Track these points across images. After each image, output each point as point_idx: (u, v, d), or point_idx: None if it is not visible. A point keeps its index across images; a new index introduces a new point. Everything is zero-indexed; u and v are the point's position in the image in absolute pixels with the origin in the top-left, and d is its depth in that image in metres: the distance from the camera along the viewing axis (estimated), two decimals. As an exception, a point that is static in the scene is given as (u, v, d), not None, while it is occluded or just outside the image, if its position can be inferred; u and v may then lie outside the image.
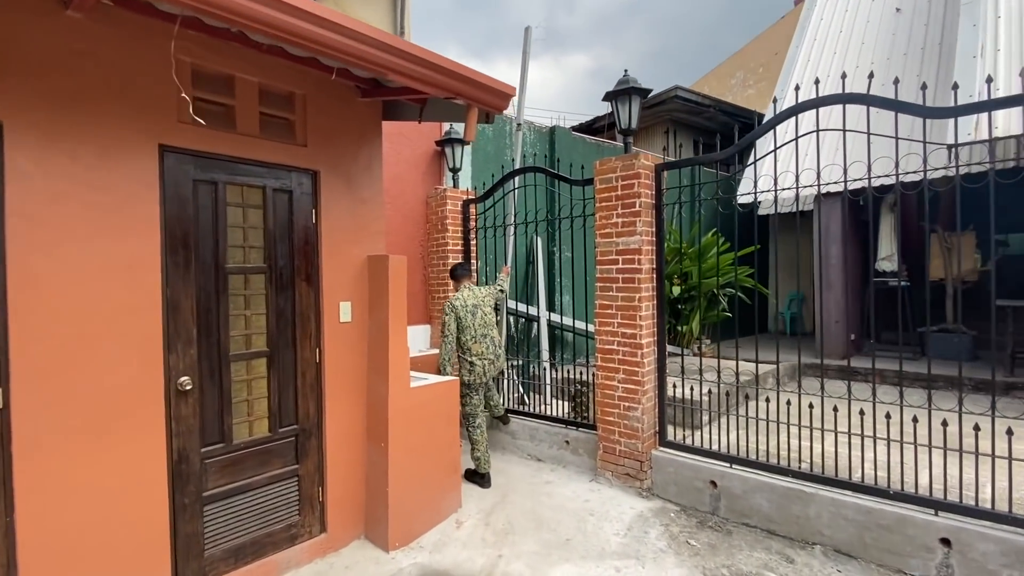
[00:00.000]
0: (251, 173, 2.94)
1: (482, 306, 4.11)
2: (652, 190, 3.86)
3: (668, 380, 3.92)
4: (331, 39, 2.31)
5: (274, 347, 3.05)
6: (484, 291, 4.21)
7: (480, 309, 4.08)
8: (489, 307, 4.14)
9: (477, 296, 4.12)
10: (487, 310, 4.11)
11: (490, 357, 4.05)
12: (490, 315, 4.12)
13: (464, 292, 4.11)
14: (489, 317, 4.11)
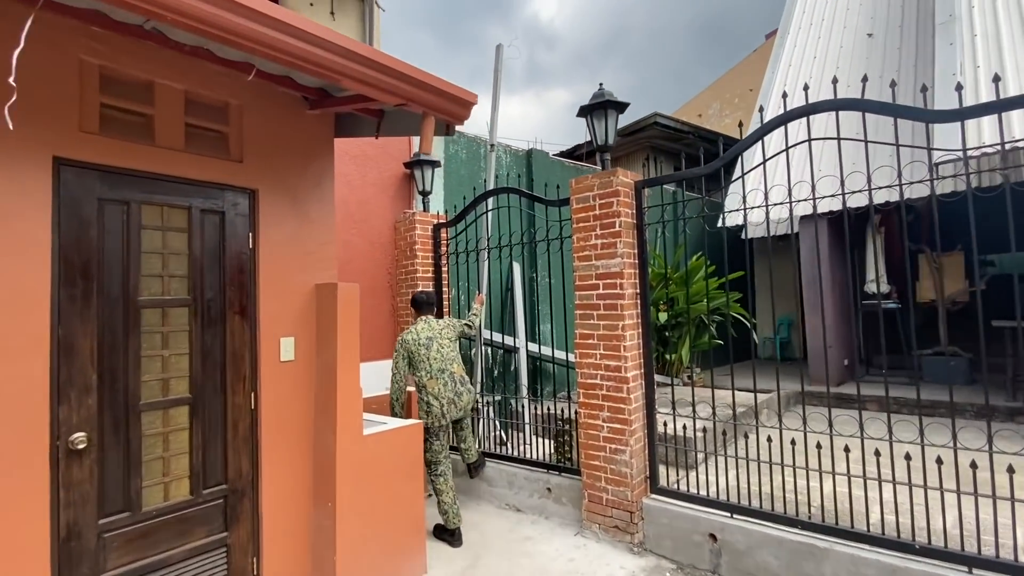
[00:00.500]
0: (174, 191, 2.55)
1: (438, 339, 3.72)
2: (632, 209, 3.56)
3: (657, 415, 3.53)
4: (260, 34, 1.98)
5: (198, 393, 2.60)
6: (442, 323, 3.84)
7: (436, 342, 3.69)
8: (448, 339, 3.77)
9: (433, 328, 3.75)
10: (444, 343, 3.73)
11: (448, 396, 3.61)
12: (449, 349, 3.74)
13: (419, 325, 3.76)
14: (447, 351, 3.72)
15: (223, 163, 2.70)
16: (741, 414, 5.27)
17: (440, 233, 4.85)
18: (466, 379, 3.77)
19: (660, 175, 3.49)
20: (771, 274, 3.34)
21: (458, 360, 3.77)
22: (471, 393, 3.76)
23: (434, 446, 3.66)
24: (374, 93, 2.39)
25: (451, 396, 3.61)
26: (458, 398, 3.64)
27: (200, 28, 1.90)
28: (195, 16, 1.86)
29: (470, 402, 3.73)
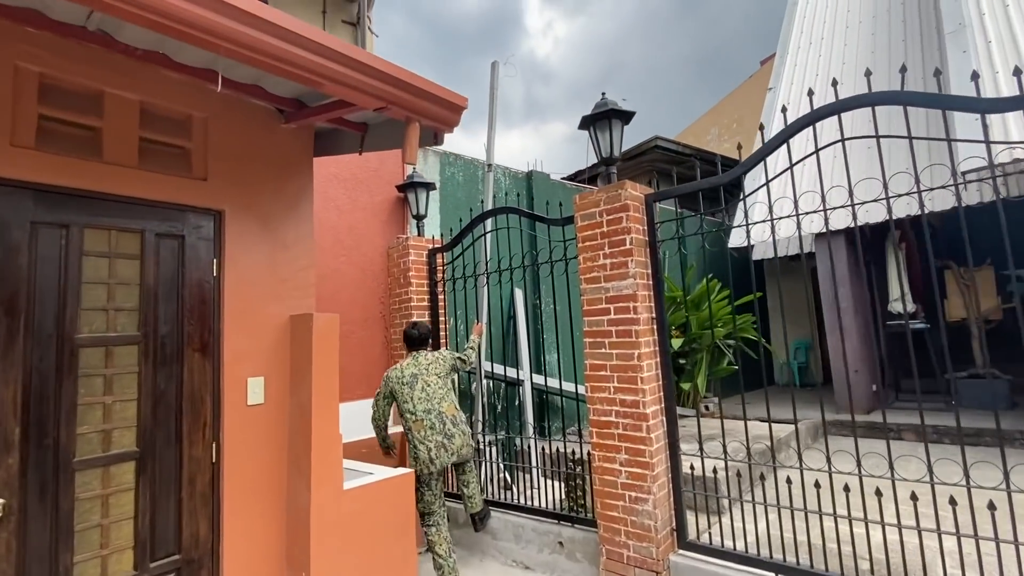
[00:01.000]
0: (125, 213, 2.24)
1: (423, 376, 3.33)
2: (643, 225, 3.23)
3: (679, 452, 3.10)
4: (217, 25, 1.70)
5: (147, 445, 2.22)
6: (431, 358, 3.45)
7: (420, 379, 3.31)
8: (436, 375, 3.37)
9: (419, 364, 3.38)
10: (431, 379, 3.33)
11: (437, 439, 3.19)
12: (438, 386, 3.34)
13: (406, 361, 3.41)
14: (435, 388, 3.32)
15: (184, 181, 2.40)
16: (767, 448, 4.81)
17: (436, 259, 4.53)
18: (460, 418, 3.35)
19: (674, 187, 3.17)
20: (781, 296, 2.97)
21: (449, 398, 3.37)
22: (465, 435, 3.32)
23: (425, 496, 3.24)
24: (351, 95, 2.10)
25: (440, 439, 3.20)
26: (448, 441, 3.22)
27: (148, 19, 1.62)
28: (144, 4, 1.59)
29: (465, 445, 3.30)
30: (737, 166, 2.86)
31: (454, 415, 3.32)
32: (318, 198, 4.36)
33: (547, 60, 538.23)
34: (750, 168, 2.82)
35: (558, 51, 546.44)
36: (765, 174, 2.77)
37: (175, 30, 1.69)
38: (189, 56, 2.21)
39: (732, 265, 3.31)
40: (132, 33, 2.03)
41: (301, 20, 1.86)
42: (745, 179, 3.11)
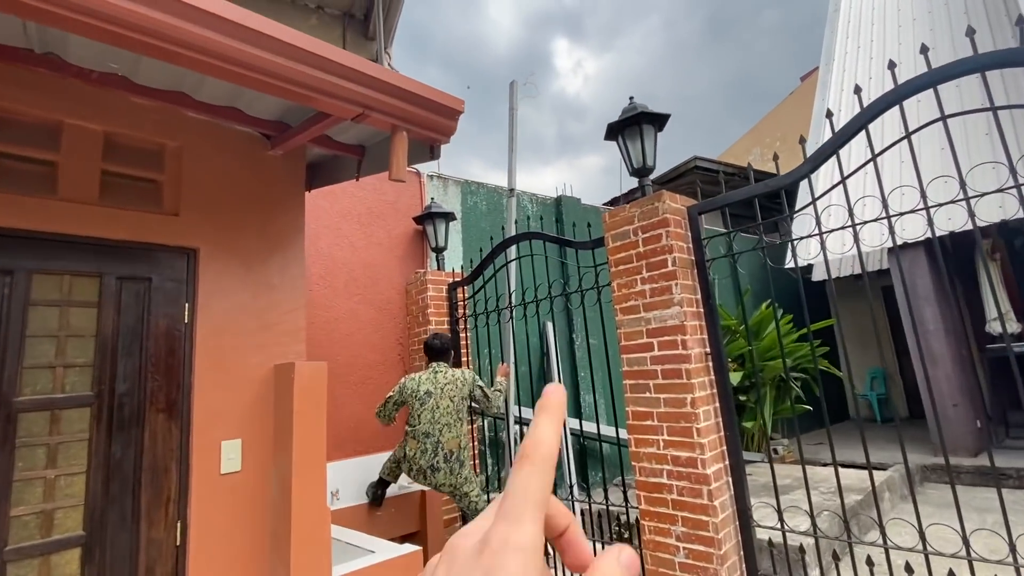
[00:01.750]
0: (81, 256, 1.97)
1: (437, 396, 3.10)
2: (687, 242, 2.72)
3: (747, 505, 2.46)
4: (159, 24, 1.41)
5: (96, 528, 1.86)
6: (450, 376, 3.18)
7: (433, 399, 3.10)
8: (450, 399, 3.12)
9: (437, 382, 3.15)
10: (443, 403, 3.10)
11: (421, 464, 3.03)
12: (446, 413, 3.09)
13: (424, 374, 3.23)
14: (441, 413, 3.08)
15: (152, 217, 2.13)
16: (859, 503, 4.01)
17: (456, 293, 4.15)
18: (456, 457, 3.08)
19: (723, 194, 2.66)
20: (834, 320, 2.35)
21: (455, 430, 3.10)
22: (452, 475, 3.07)
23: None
24: (319, 101, 1.77)
25: (424, 466, 3.04)
26: (432, 472, 3.03)
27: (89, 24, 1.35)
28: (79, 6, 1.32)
29: (446, 484, 3.06)
30: (803, 163, 2.34)
31: (451, 451, 3.09)
32: (331, 234, 4.11)
33: (577, 97, 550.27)
34: (819, 164, 2.29)
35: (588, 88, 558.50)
36: (840, 171, 2.23)
37: (120, 36, 1.41)
38: (149, 75, 1.96)
39: (789, 288, 2.73)
40: (80, 50, 1.80)
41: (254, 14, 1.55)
42: (800, 190, 2.57)
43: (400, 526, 3.59)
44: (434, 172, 4.90)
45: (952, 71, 1.93)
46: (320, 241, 4.05)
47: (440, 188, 4.89)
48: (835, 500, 3.94)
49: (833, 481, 4.49)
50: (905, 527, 2.76)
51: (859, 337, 8.66)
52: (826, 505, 3.86)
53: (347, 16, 6.18)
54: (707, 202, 2.73)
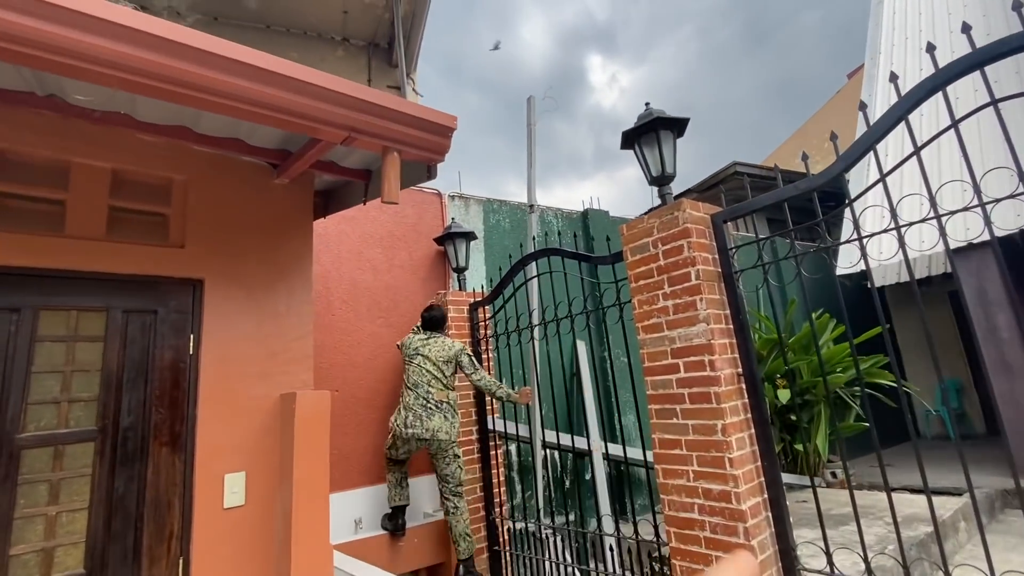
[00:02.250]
0: (87, 291, 2.00)
1: (423, 352, 3.39)
2: (712, 253, 2.52)
3: (793, 537, 2.17)
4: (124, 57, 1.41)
5: (97, 566, 1.84)
6: (438, 341, 3.44)
7: (420, 356, 3.39)
8: (433, 363, 3.36)
9: (427, 344, 3.43)
10: (427, 363, 3.36)
11: (416, 410, 3.26)
12: (431, 368, 3.34)
13: (419, 336, 3.53)
14: (428, 369, 3.33)
15: (158, 250, 2.15)
16: (930, 536, 3.55)
17: (478, 313, 4.05)
18: (446, 408, 3.30)
19: (749, 200, 2.45)
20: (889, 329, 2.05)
21: (440, 384, 3.33)
22: (446, 421, 3.25)
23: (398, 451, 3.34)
24: (305, 126, 1.72)
25: (419, 411, 3.23)
26: (426, 415, 3.22)
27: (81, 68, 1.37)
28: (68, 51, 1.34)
29: (441, 429, 3.21)
30: (834, 162, 2.11)
31: (441, 401, 3.30)
32: (353, 259, 4.12)
33: (613, 110, 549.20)
34: (853, 162, 2.05)
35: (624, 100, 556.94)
36: (879, 169, 1.99)
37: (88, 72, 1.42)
38: (148, 112, 1.99)
39: (845, 297, 2.45)
40: (77, 92, 1.84)
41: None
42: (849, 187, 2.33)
43: (424, 557, 3.46)
44: (455, 192, 4.87)
45: (1001, 49, 1.68)
46: (343, 266, 4.07)
47: (461, 208, 4.84)
48: (905, 532, 3.51)
49: (899, 510, 4.04)
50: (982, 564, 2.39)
51: (924, 348, 7.94)
52: (891, 538, 3.44)
53: (371, 46, 6.34)
54: (732, 209, 2.52)
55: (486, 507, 3.75)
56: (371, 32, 5.88)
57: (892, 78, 1.97)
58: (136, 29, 1.40)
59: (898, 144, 6.31)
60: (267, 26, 5.31)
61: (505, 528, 3.73)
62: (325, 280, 3.89)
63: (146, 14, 1.38)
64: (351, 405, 3.74)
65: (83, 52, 1.33)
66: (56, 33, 1.29)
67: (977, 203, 1.68)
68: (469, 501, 3.70)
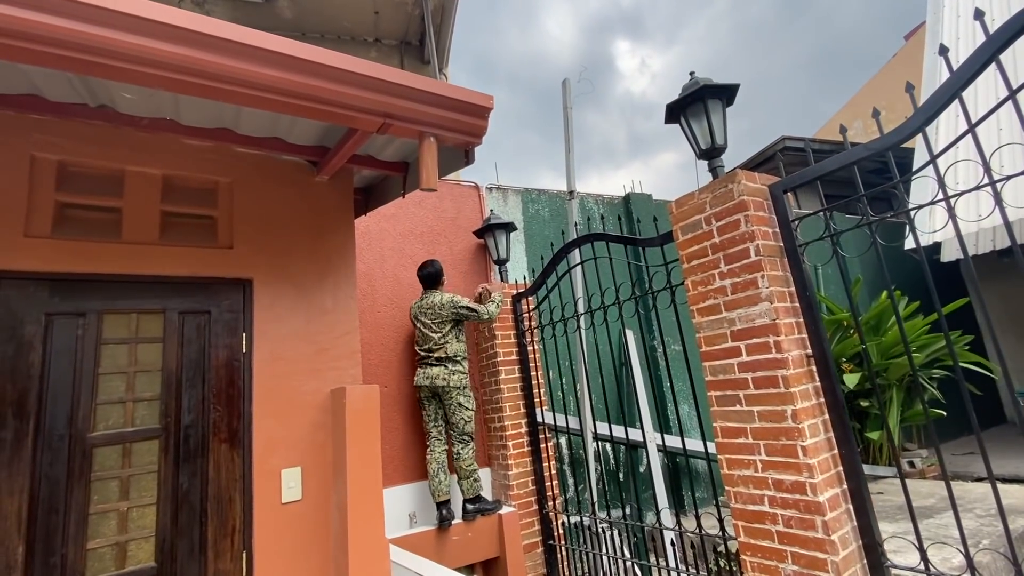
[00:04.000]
0: (145, 294, 2.06)
1: (422, 318, 3.58)
2: (773, 226, 2.33)
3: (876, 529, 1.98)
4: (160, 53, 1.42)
5: (167, 559, 1.90)
6: (431, 303, 3.59)
7: (420, 319, 3.58)
8: (431, 321, 3.53)
9: (422, 308, 3.61)
10: (427, 323, 3.54)
11: (422, 359, 3.56)
12: (430, 330, 3.52)
13: (418, 301, 3.70)
14: (428, 333, 3.52)
15: (208, 252, 2.19)
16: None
17: (521, 305, 3.98)
18: (446, 360, 3.46)
19: (812, 166, 2.25)
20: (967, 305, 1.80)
21: (439, 343, 3.49)
22: (446, 370, 3.44)
23: (422, 415, 3.61)
24: (337, 115, 1.70)
25: (422, 361, 3.53)
26: (428, 366, 3.49)
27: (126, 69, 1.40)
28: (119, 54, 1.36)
29: (440, 377, 3.42)
30: (913, 115, 1.89)
31: (441, 356, 3.47)
32: (395, 256, 4.14)
33: (643, 96, 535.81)
34: (935, 113, 1.83)
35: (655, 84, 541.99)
36: (968, 119, 1.76)
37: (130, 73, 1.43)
38: (190, 115, 2.02)
39: (910, 273, 2.20)
40: (127, 97, 1.88)
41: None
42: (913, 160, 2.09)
43: (478, 551, 3.44)
44: (493, 184, 4.81)
45: None
46: (386, 263, 4.09)
47: (500, 199, 4.78)
48: (996, 526, 3.19)
49: (991, 501, 3.67)
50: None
51: (1010, 326, 7.25)
52: (985, 532, 3.13)
53: (403, 44, 6.36)
54: (793, 176, 2.33)
55: (539, 501, 3.69)
56: (402, 30, 5.89)
57: (977, 15, 1.74)
58: (175, 26, 1.40)
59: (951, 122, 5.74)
60: (302, 33, 5.41)
61: (559, 522, 3.66)
62: (369, 278, 3.93)
63: (183, 9, 1.38)
64: (399, 401, 3.75)
65: (122, 52, 1.35)
66: (93, 34, 1.31)
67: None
68: (521, 495, 3.65)
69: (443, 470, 3.43)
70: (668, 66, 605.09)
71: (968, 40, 6.70)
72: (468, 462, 3.44)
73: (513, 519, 3.53)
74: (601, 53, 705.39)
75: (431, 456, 3.47)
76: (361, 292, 3.80)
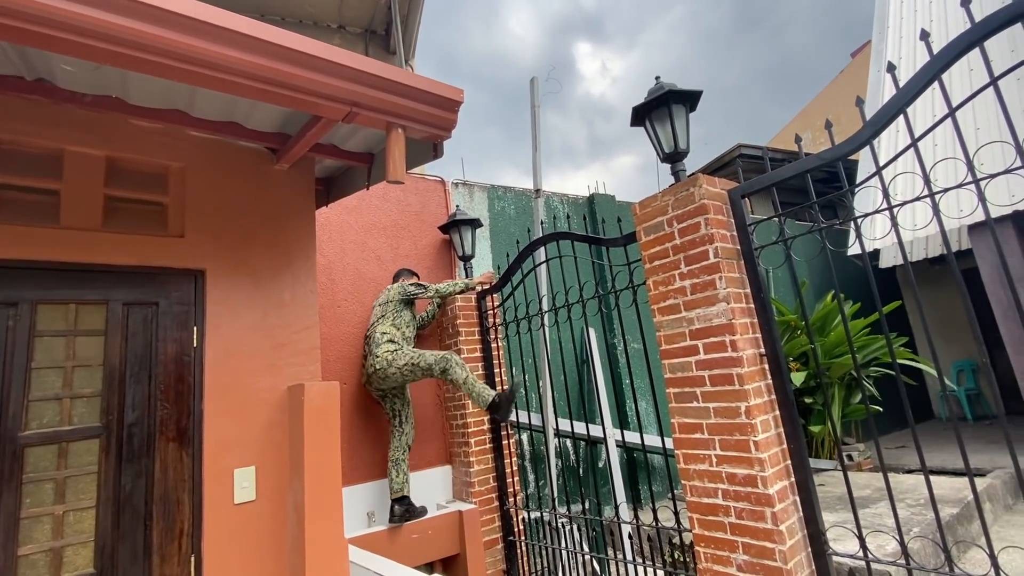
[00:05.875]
0: (86, 283, 1.93)
1: (377, 307, 3.55)
2: (731, 230, 2.42)
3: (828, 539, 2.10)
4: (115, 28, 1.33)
5: (107, 566, 1.79)
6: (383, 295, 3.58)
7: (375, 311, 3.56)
8: (380, 305, 3.51)
9: (378, 299, 3.59)
10: (378, 312, 3.51)
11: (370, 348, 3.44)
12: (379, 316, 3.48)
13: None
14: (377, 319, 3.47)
15: (157, 240, 2.07)
16: (955, 517, 3.48)
17: (486, 302, 3.97)
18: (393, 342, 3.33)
19: (769, 172, 2.35)
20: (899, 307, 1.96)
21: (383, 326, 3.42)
22: (378, 359, 3.28)
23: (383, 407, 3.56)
24: (301, 102, 1.64)
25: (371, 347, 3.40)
26: (375, 346, 3.36)
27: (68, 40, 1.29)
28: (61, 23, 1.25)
29: (372, 366, 3.31)
30: (862, 128, 2.00)
31: (368, 343, 3.43)
32: (357, 249, 4.04)
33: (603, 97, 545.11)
34: (882, 126, 1.95)
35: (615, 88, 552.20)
36: (910, 133, 1.88)
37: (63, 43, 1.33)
38: (140, 94, 1.90)
39: (852, 277, 2.33)
40: (67, 76, 1.75)
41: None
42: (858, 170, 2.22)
43: (438, 549, 3.42)
44: (459, 179, 4.77)
45: (1050, -4, 1.57)
46: (348, 256, 3.99)
47: (466, 195, 4.75)
48: (926, 514, 3.44)
49: (921, 492, 3.96)
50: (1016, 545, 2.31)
51: (937, 328, 7.83)
52: (915, 520, 3.37)
53: (369, 32, 6.19)
54: (751, 183, 2.42)
55: (500, 497, 3.70)
56: (368, 18, 5.74)
57: (923, 36, 1.86)
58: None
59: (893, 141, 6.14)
60: (261, 15, 5.19)
61: (520, 518, 3.68)
62: (329, 271, 3.82)
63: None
64: (359, 398, 3.68)
65: (59, 20, 1.25)
66: (35, 1, 1.21)
67: (972, 180, 1.58)
68: (482, 492, 3.65)
69: (397, 467, 3.36)
70: (628, 70, 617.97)
71: (909, 61, 7.14)
72: (471, 379, 3.20)
73: (474, 516, 3.52)
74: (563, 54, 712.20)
75: (389, 453, 3.43)
76: (321, 286, 3.70)
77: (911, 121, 1.93)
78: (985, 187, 1.72)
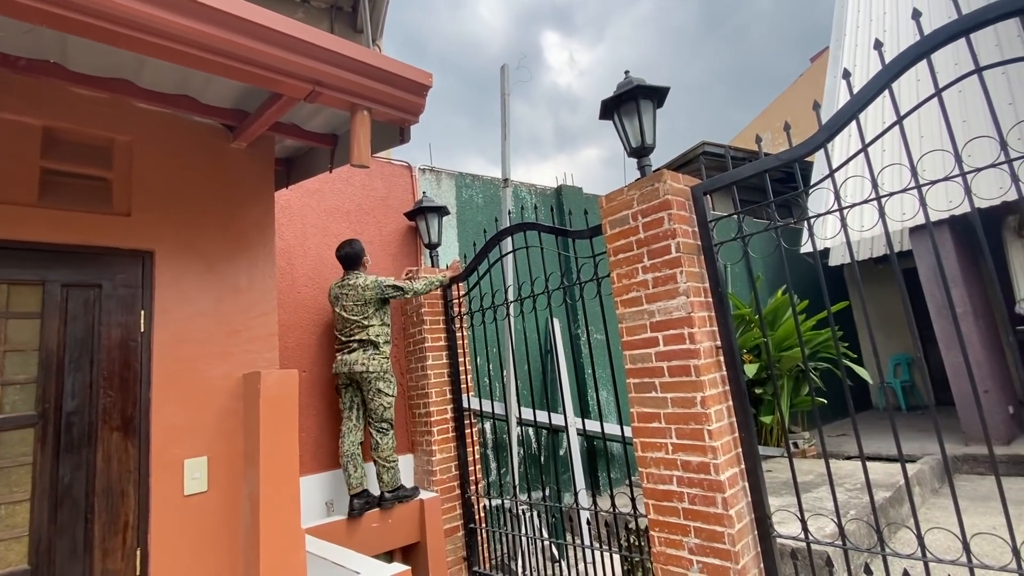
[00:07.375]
0: (19, 262, 1.80)
1: (343, 300, 3.41)
2: (692, 226, 2.48)
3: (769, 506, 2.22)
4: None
5: (43, 561, 1.69)
6: (353, 284, 3.42)
7: (340, 302, 3.42)
8: (354, 303, 3.38)
9: (344, 287, 3.43)
10: (348, 305, 3.39)
11: (340, 347, 3.43)
12: (352, 313, 3.37)
13: (339, 280, 3.52)
14: (349, 316, 3.38)
15: (101, 219, 1.95)
16: (888, 500, 3.73)
17: (452, 290, 3.94)
18: (367, 343, 3.33)
19: (731, 171, 2.41)
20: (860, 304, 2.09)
21: (360, 327, 3.35)
22: (365, 355, 3.31)
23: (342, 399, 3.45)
24: (263, 78, 1.56)
25: (343, 350, 3.39)
26: (348, 352, 3.35)
27: None
28: None
29: (358, 362, 3.29)
30: (817, 132, 2.08)
31: (362, 339, 3.35)
32: (319, 234, 3.93)
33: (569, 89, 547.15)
34: (836, 131, 2.03)
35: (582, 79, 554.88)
36: (861, 139, 1.97)
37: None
38: (81, 60, 1.77)
39: (804, 275, 2.45)
40: None
41: None
42: (813, 171, 2.32)
43: (398, 537, 3.40)
44: (426, 165, 4.70)
45: (986, 16, 1.67)
46: (308, 241, 3.88)
47: (433, 182, 4.68)
48: (862, 498, 3.68)
49: (859, 477, 4.22)
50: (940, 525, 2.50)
51: (878, 324, 8.32)
52: (852, 504, 3.60)
53: (335, 9, 5.96)
54: (713, 180, 2.49)
55: (461, 485, 3.71)
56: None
57: (877, 45, 1.95)
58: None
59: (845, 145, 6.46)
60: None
61: (481, 505, 3.71)
62: (289, 256, 3.70)
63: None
64: (318, 386, 3.60)
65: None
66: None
67: (915, 186, 1.68)
68: (444, 480, 3.65)
69: (353, 462, 3.29)
70: (594, 63, 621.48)
71: (863, 68, 7.46)
72: (388, 452, 3.32)
73: (435, 504, 3.52)
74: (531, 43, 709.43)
75: (342, 448, 3.32)
76: (280, 270, 3.58)
77: (863, 127, 2.02)
78: (926, 192, 1.82)
